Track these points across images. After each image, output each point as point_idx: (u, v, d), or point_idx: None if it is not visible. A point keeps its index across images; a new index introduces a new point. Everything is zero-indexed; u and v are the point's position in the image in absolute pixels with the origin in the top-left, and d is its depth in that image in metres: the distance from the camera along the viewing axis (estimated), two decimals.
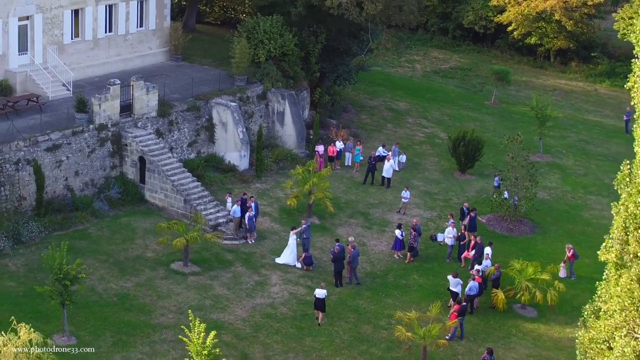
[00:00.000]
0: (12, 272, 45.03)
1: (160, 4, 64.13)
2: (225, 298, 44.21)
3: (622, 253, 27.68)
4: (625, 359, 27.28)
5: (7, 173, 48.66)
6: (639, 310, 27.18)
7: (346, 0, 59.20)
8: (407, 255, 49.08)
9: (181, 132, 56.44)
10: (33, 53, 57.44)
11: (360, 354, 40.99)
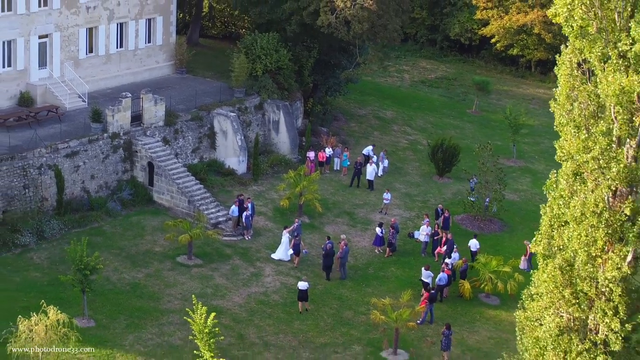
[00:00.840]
0: (37, 264, 51.07)
1: (167, 21, 70.18)
2: (224, 287, 50.27)
3: (549, 246, 33.60)
4: (551, 332, 33.20)
5: (31, 177, 54.72)
6: (562, 293, 33.06)
7: (335, 20, 65.30)
8: (387, 250, 55.18)
9: (185, 140, 62.50)
10: (52, 67, 63.52)
11: (341, 335, 47.02)
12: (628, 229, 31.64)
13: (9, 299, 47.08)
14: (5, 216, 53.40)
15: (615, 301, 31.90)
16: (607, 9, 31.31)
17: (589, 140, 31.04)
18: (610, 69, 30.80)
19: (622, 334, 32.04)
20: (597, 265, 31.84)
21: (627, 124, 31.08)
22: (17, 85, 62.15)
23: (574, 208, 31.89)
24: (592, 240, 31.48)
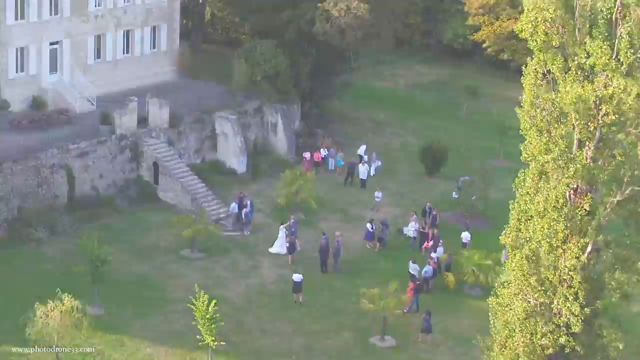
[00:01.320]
0: (50, 257, 54.90)
1: (171, 28, 73.97)
2: (224, 278, 54.05)
3: (517, 238, 37.29)
4: (519, 315, 36.87)
5: (44, 176, 58.53)
6: (528, 281, 36.73)
7: (330, 28, 69.11)
8: (377, 245, 58.93)
9: (189, 141, 66.33)
10: (62, 72, 67.39)
11: (333, 323, 50.84)
12: (587, 222, 35.37)
13: (24, 288, 50.78)
14: (20, 213, 57.25)
15: (575, 287, 35.60)
16: (568, 25, 35.04)
17: (549, 143, 34.75)
18: (570, 79, 34.55)
19: (582, 317, 35.72)
20: (558, 255, 35.55)
21: (586, 129, 34.85)
22: (30, 90, 65.99)
23: (538, 204, 35.64)
24: (554, 232, 35.19)
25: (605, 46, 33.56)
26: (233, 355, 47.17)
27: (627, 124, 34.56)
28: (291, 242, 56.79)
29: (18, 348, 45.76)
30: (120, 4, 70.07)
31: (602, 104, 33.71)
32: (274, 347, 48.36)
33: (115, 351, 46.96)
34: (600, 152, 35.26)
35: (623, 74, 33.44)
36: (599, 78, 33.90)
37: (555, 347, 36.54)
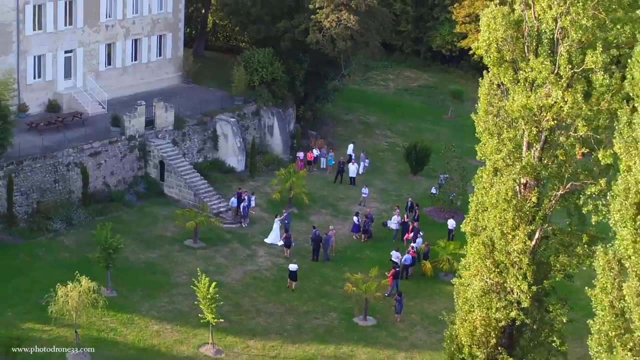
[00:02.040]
0: (67, 246, 60.66)
1: (175, 37, 79.80)
2: (224, 265, 59.88)
3: (475, 226, 43.11)
4: (477, 293, 42.68)
5: (61, 173, 64.38)
6: (485, 263, 42.54)
7: (322, 38, 74.92)
8: (363, 236, 64.80)
9: (192, 142, 72.14)
10: (76, 78, 73.14)
11: (321, 304, 56.63)
12: (535, 212, 41.24)
13: (44, 274, 56.53)
14: (39, 206, 63.01)
15: (524, 269, 41.40)
16: (518, 44, 40.89)
17: (499, 144, 40.63)
18: (519, 90, 40.42)
19: (530, 295, 41.54)
20: (509, 241, 41.39)
21: (533, 132, 40.72)
22: (46, 94, 71.69)
23: (492, 197, 41.48)
24: (504, 221, 41.05)
25: (546, 62, 39.40)
26: (231, 332, 53.02)
27: (567, 129, 40.42)
28: (287, 237, 62.54)
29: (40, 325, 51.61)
30: (129, 15, 75.84)
31: (543, 112, 39.58)
32: (267, 326, 54.20)
33: (126, 328, 52.72)
34: (545, 153, 41.14)
35: (563, 86, 39.28)
36: (542, 89, 39.76)
37: (507, 320, 42.43)
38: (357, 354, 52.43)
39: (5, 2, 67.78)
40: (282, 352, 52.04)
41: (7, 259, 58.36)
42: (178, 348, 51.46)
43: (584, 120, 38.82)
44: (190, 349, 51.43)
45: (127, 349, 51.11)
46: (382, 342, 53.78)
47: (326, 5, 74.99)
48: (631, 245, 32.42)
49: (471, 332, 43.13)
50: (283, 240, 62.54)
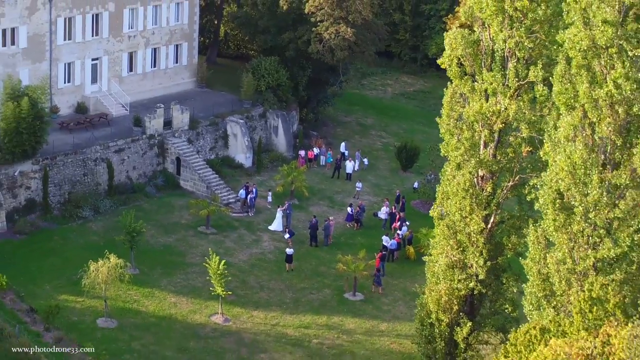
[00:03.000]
0: (95, 231, 69.20)
1: (190, 46, 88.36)
2: (232, 248, 68.35)
3: (441, 212, 51.45)
4: (442, 267, 51.03)
5: (89, 167, 72.97)
6: (448, 242, 50.81)
7: (322, 48, 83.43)
8: (355, 225, 73.24)
9: (205, 140, 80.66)
10: (101, 83, 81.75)
11: (317, 282, 65.10)
12: (490, 200, 49.57)
13: (76, 254, 64.98)
14: (70, 196, 71.59)
15: (480, 247, 49.67)
16: (476, 60, 49.20)
17: (458, 143, 48.99)
18: (476, 98, 48.77)
19: (486, 269, 49.77)
20: (467, 224, 49.71)
21: (487, 134, 49.05)
22: (75, 97, 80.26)
23: (453, 186, 49.83)
24: (463, 207, 49.38)
25: (498, 75, 47.77)
26: (238, 304, 61.59)
27: (516, 130, 48.76)
28: (290, 230, 70.90)
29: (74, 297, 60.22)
30: (149, 26, 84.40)
31: (494, 116, 47.95)
32: (269, 299, 62.76)
33: (147, 300, 61.30)
34: (499, 150, 49.50)
35: (510, 95, 47.62)
36: (493, 98, 48.13)
37: (467, 290, 50.75)
38: (346, 324, 60.90)
39: (40, 15, 76.35)
40: (282, 321, 60.55)
41: (43, 242, 66.97)
42: (192, 317, 60.01)
43: (527, 124, 47.14)
44: (202, 318, 59.98)
45: (149, 317, 59.67)
46: (368, 314, 62.26)
47: (326, 18, 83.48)
48: (552, 223, 40.72)
49: (437, 300, 51.48)
50: (288, 233, 70.54)
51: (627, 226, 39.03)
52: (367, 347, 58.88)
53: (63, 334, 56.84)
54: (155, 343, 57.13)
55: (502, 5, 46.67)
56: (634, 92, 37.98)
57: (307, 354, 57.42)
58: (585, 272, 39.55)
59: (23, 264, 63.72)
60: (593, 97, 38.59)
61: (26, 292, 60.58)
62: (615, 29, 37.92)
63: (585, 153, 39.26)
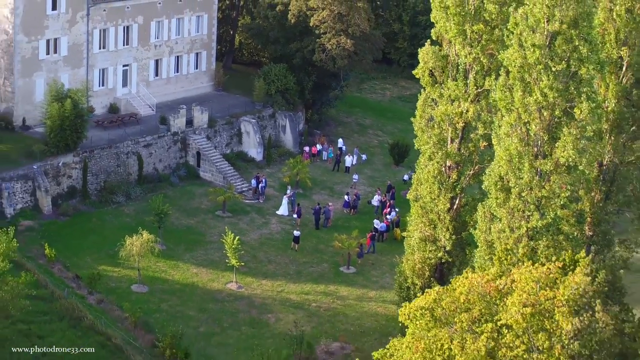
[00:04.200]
0: (127, 214, 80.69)
1: (209, 54, 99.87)
2: (245, 229, 79.76)
3: (415, 195, 62.72)
4: (416, 240, 62.35)
5: (122, 159, 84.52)
6: (421, 220, 62.07)
7: (325, 57, 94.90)
8: (351, 211, 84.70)
9: (222, 137, 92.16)
10: (131, 86, 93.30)
11: (316, 257, 76.57)
12: (455, 185, 60.88)
13: (111, 233, 76.33)
14: (106, 184, 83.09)
15: (447, 224, 60.98)
16: (445, 71, 60.52)
17: (428, 138, 60.32)
18: (443, 103, 60.08)
19: (452, 241, 61.03)
20: (436, 204, 61.02)
21: (454, 131, 60.37)
22: (108, 99, 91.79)
23: (425, 174, 61.18)
24: (433, 190, 60.71)
25: (460, 84, 59.09)
26: (249, 274, 73.10)
27: (474, 129, 60.06)
28: (299, 210, 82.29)
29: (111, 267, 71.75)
30: (172, 37, 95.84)
31: (456, 117, 59.29)
32: (275, 271, 74.25)
33: (173, 270, 72.81)
34: (462, 145, 60.81)
35: (470, 100, 58.90)
36: (457, 102, 59.42)
37: (437, 259, 62.12)
38: (340, 291, 72.37)
39: (79, 27, 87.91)
40: (286, 288, 72.05)
41: (83, 223, 78.54)
42: (210, 284, 71.55)
43: (483, 124, 58.47)
44: (219, 285, 71.52)
45: (174, 284, 71.23)
46: (359, 284, 73.71)
47: (328, 31, 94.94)
48: (495, 201, 51.95)
49: (412, 267, 62.90)
50: (296, 214, 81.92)
51: (552, 203, 50.25)
52: (357, 310, 70.29)
53: (103, 296, 68.38)
54: (180, 305, 68.64)
55: (463, 28, 58.06)
56: (556, 99, 49.20)
57: (307, 315, 68.86)
58: (520, 238, 50.73)
59: (67, 241, 75.15)
60: (525, 103, 49.81)
61: (71, 264, 72.06)
62: (542, 51, 49.13)
63: (520, 146, 50.48)
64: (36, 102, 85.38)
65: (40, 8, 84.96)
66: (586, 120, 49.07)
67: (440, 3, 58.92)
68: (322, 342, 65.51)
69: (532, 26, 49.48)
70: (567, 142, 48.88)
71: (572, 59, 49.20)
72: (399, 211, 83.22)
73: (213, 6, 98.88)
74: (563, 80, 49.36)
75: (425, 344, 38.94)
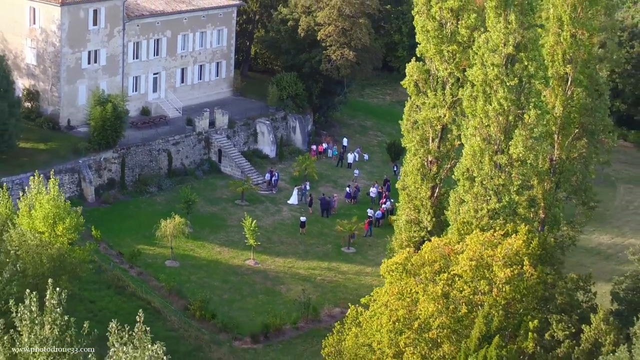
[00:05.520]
0: (159, 202, 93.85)
1: (228, 63, 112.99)
2: (260, 216, 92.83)
3: (403, 185, 75.65)
4: (402, 222, 75.33)
5: (154, 155, 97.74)
6: (408, 205, 74.97)
7: (330, 67, 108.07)
8: (352, 201, 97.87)
9: (240, 137, 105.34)
10: (160, 92, 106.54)
11: (322, 240, 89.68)
12: (435, 177, 73.86)
13: (146, 218, 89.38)
14: (140, 177, 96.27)
15: (428, 208, 73.97)
16: (428, 82, 73.50)
17: (412, 138, 73.34)
18: (425, 108, 73.09)
19: (432, 223, 73.92)
20: (419, 192, 74.02)
21: (434, 132, 73.38)
22: (140, 103, 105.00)
23: (410, 167, 74.17)
24: (416, 181, 73.71)
25: (439, 94, 72.06)
26: (264, 252, 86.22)
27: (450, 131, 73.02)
28: (310, 200, 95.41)
29: (148, 246, 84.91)
30: (196, 48, 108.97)
31: (436, 121, 72.33)
32: (286, 250, 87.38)
33: (199, 249, 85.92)
34: (441, 143, 73.79)
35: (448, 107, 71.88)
36: (436, 109, 72.43)
37: (420, 237, 74.97)
38: (341, 267, 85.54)
39: (116, 41, 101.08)
40: (295, 265, 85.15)
41: (122, 209, 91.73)
42: (232, 260, 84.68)
43: (457, 126, 71.45)
44: (239, 261, 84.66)
45: (201, 261, 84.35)
46: (358, 262, 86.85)
47: (333, 44, 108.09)
48: (462, 188, 64.93)
49: (400, 244, 75.72)
50: (308, 203, 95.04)
51: (507, 190, 63.21)
52: (356, 283, 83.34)
53: (142, 270, 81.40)
54: (206, 277, 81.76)
55: (440, 48, 71.03)
56: (510, 107, 62.19)
57: (313, 286, 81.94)
58: (482, 217, 63.65)
59: (109, 224, 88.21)
60: (486, 110, 62.81)
61: (114, 243, 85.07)
62: (499, 69, 62.13)
63: (482, 144, 63.45)
64: (79, 106, 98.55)
65: (83, 24, 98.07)
66: (534, 124, 62.02)
67: (422, 28, 71.81)
68: (326, 307, 78.46)
69: (491, 49, 62.51)
70: (518, 141, 61.82)
71: (523, 76, 62.21)
72: (393, 201, 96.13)
73: (232, 21, 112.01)
74: (516, 92, 62.32)
75: (398, 289, 51.95)
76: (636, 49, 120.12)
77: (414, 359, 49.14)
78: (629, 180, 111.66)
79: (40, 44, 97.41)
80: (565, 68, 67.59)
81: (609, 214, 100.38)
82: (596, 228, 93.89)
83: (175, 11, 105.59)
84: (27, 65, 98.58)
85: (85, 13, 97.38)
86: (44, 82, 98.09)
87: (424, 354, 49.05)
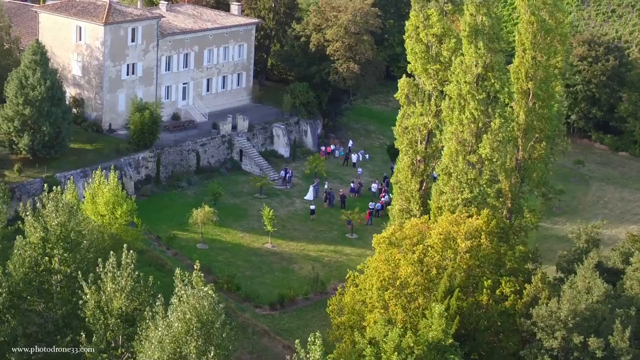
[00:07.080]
0: (189, 195, 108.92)
1: (248, 74, 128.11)
2: (276, 207, 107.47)
3: (396, 180, 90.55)
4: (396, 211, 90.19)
5: (184, 155, 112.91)
6: (400, 197, 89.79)
7: (338, 78, 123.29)
8: (356, 195, 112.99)
9: (258, 139, 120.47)
10: (189, 99, 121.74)
11: (329, 227, 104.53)
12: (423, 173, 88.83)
13: (179, 209, 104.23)
14: (173, 173, 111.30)
15: (417, 198, 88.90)
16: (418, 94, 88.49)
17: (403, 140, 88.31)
18: (415, 115, 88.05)
19: (421, 211, 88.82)
20: (409, 185, 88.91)
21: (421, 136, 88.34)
22: (171, 109, 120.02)
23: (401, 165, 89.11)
24: (407, 176, 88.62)
25: (426, 104, 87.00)
26: (280, 237, 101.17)
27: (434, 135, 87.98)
28: (325, 196, 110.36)
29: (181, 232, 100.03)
30: (220, 61, 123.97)
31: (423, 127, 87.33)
32: (299, 235, 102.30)
33: (225, 234, 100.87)
34: (427, 145, 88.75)
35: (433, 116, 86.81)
36: (422, 117, 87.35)
37: None
38: (345, 250, 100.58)
39: (151, 55, 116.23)
40: (307, 247, 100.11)
41: (158, 201, 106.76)
42: (252, 244, 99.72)
43: (440, 132, 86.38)
44: (258, 245, 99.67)
45: (227, 244, 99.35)
46: (359, 246, 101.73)
47: (340, 57, 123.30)
48: (441, 181, 79.87)
49: (394, 231, 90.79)
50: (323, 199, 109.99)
51: (477, 182, 78.16)
52: (357, 263, 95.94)
53: (177, 251, 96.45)
54: (231, 257, 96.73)
55: (426, 67, 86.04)
56: (480, 116, 77.15)
57: (321, 265, 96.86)
58: (457, 205, 78.57)
59: (148, 214, 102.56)
60: (460, 119, 77.83)
61: (152, 229, 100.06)
62: (471, 85, 77.14)
63: (457, 146, 78.44)
64: (119, 112, 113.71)
65: (123, 41, 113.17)
66: (499, 130, 76.98)
67: (411, 49, 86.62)
68: (332, 282, 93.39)
69: (465, 70, 77.54)
70: (486, 144, 76.78)
71: (490, 91, 77.20)
72: (392, 196, 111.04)
73: (251, 37, 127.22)
74: (484, 105, 77.29)
75: (385, 256, 67.11)
76: (611, 62, 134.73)
77: (397, 309, 64.32)
78: (601, 179, 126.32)
79: (85, 58, 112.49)
80: (528, 84, 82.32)
81: (581, 208, 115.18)
82: (568, 219, 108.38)
83: (202, 29, 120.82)
84: (74, 76, 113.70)
85: (124, 31, 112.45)
86: (89, 91, 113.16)
87: (404, 305, 64.26)
